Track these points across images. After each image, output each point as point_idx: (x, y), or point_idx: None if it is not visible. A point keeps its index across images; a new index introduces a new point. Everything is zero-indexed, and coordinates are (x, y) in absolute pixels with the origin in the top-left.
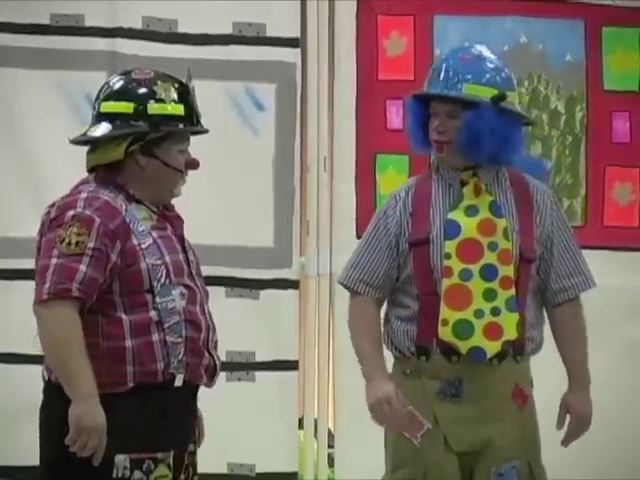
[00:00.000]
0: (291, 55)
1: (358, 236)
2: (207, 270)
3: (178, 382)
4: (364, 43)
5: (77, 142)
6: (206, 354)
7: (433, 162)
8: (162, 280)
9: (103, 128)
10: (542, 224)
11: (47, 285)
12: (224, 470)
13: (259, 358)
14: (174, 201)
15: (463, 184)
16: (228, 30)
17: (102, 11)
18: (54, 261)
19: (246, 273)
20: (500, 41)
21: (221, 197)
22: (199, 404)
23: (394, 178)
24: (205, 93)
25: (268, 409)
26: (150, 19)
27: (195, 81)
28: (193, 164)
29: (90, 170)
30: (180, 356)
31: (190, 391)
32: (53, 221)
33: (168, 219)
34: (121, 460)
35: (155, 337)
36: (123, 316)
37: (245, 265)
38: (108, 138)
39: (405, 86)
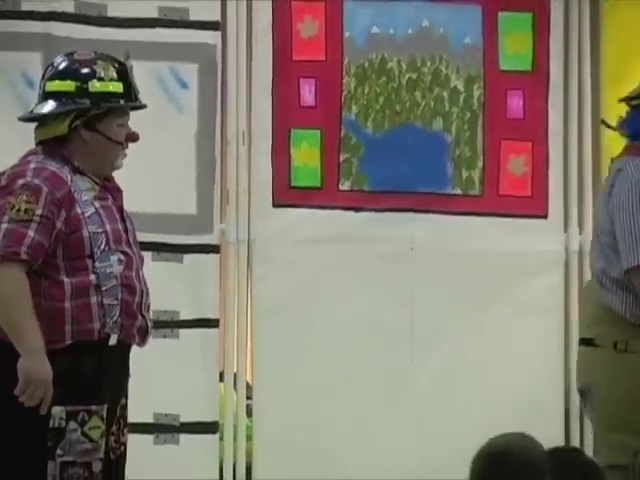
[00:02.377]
0: (212, 37)
1: (274, 205)
2: (149, 235)
3: (112, 341)
4: (279, 26)
5: (25, 119)
6: (139, 316)
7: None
8: (102, 247)
9: (49, 105)
10: None
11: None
12: (150, 420)
13: (183, 317)
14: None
15: None
16: (154, 14)
17: None
18: (4, 226)
19: (171, 239)
20: (405, 25)
21: (148, 168)
22: None
23: (307, 151)
24: (148, 76)
25: (191, 364)
26: (82, 4)
27: (141, 64)
28: (133, 137)
29: (38, 144)
30: (115, 317)
31: (123, 350)
32: (3, 189)
33: (108, 190)
34: (57, 412)
35: (93, 299)
36: (65, 279)
37: (170, 231)
38: (53, 115)
39: (317, 66)
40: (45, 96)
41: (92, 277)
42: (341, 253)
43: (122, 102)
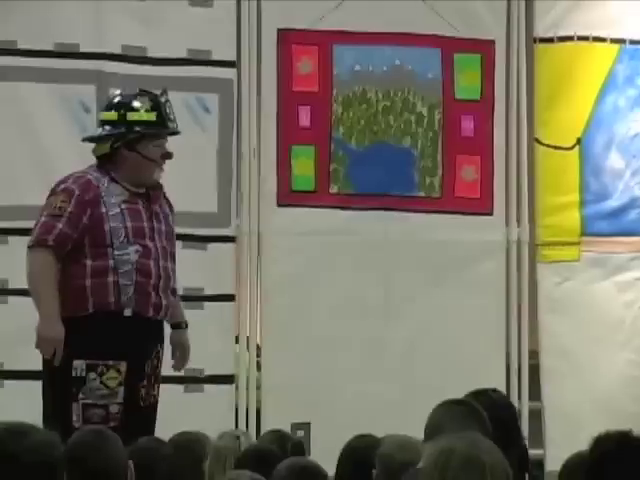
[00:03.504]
0: (230, 73)
1: (278, 204)
2: (179, 229)
3: (127, 313)
4: (282, 64)
5: (85, 140)
6: (153, 295)
7: None
8: (121, 239)
9: (99, 131)
10: None
11: (34, 236)
12: (182, 373)
13: (207, 292)
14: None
15: None
16: (184, 54)
17: (92, 41)
18: (42, 219)
19: (197, 231)
20: (381, 64)
21: (180, 177)
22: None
23: (304, 163)
24: (179, 103)
25: (214, 328)
26: (127, 47)
27: (174, 94)
28: (167, 155)
29: (97, 158)
30: (130, 294)
31: (143, 321)
32: (51, 191)
33: (150, 196)
34: (78, 364)
35: (110, 279)
36: (87, 262)
37: (197, 225)
38: (101, 137)
39: (312, 96)
40: (100, 123)
41: (110, 262)
42: (331, 243)
43: (153, 129)
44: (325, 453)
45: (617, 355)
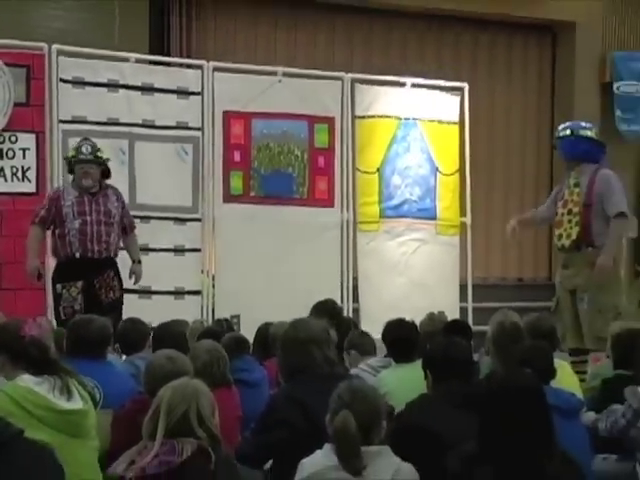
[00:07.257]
0: (198, 134)
1: (223, 202)
2: (171, 214)
3: (77, 256)
4: (226, 129)
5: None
6: (89, 245)
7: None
8: (70, 217)
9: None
10: None
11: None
12: (172, 289)
13: (186, 247)
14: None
15: None
16: (174, 124)
17: (126, 116)
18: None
19: (181, 215)
20: (277, 129)
21: (172, 187)
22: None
23: (237, 180)
24: (171, 149)
25: (190, 266)
26: (144, 119)
27: (169, 144)
28: (84, 175)
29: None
30: (77, 246)
31: (86, 259)
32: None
33: (94, 194)
34: (59, 287)
35: (67, 239)
36: (57, 230)
37: (180, 212)
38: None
39: (240, 146)
40: None
41: (66, 230)
42: (251, 223)
43: (74, 159)
44: (247, 332)
45: (397, 279)
